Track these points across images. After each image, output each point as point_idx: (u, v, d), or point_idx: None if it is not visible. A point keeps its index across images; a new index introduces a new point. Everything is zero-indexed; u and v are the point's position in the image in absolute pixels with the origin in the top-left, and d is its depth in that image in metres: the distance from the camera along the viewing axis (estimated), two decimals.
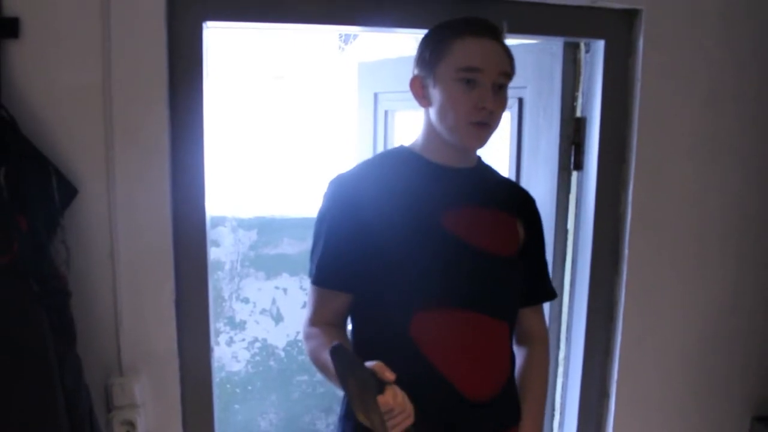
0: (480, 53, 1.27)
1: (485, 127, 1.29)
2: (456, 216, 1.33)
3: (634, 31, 1.74)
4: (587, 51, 1.82)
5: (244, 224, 3.15)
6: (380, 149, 2.46)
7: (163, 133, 1.53)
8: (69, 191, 1.47)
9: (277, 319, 3.25)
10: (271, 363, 3.27)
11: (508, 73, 1.31)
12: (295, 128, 5.82)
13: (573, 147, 1.87)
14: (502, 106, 1.30)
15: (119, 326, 1.56)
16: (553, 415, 2.02)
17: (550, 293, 1.56)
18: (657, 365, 1.89)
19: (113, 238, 1.53)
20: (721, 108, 1.81)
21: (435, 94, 1.30)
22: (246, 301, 3.20)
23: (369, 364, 1.13)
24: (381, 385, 1.11)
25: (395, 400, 1.10)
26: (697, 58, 1.77)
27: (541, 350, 1.49)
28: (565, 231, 1.95)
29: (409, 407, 1.13)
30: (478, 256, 1.33)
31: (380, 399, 1.09)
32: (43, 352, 1.34)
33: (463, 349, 1.31)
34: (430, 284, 1.30)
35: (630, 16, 1.74)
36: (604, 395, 1.90)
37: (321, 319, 1.36)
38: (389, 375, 1.11)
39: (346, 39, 6.02)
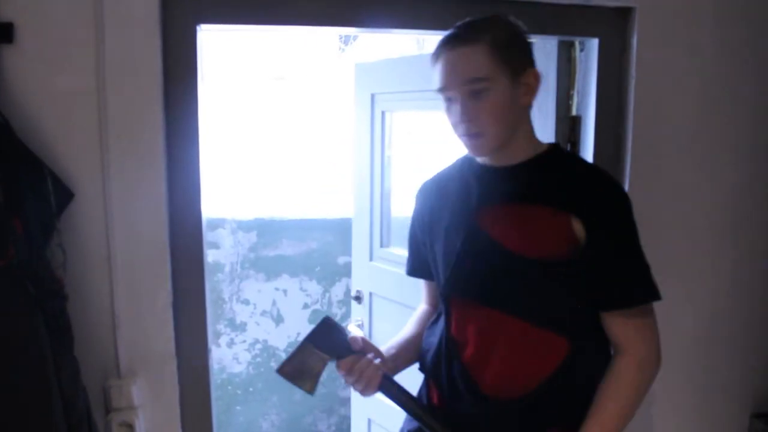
0: (441, 72, 1.29)
1: (476, 136, 1.29)
2: (489, 213, 1.35)
3: (628, 29, 1.75)
4: (582, 49, 1.83)
5: (243, 226, 3.16)
6: (377, 150, 2.47)
7: (158, 136, 1.54)
8: (65, 194, 1.48)
9: (278, 320, 3.25)
10: (272, 364, 3.27)
11: (476, 77, 1.26)
12: (295, 129, 5.83)
13: (569, 145, 1.87)
14: (481, 112, 1.27)
15: (116, 328, 1.57)
16: None
17: (619, 299, 1.30)
18: None
19: (110, 240, 1.54)
20: (716, 105, 1.81)
21: None
22: (246, 302, 3.21)
23: (351, 335, 1.35)
24: (350, 354, 1.33)
25: (350, 368, 1.31)
26: (690, 56, 1.77)
27: (620, 362, 1.31)
28: None
29: (367, 379, 1.32)
30: (503, 254, 1.32)
31: (340, 363, 1.33)
32: (40, 354, 1.35)
33: (485, 346, 1.34)
34: (458, 278, 1.37)
35: (624, 15, 1.75)
36: None
37: (424, 300, 1.60)
38: (357, 347, 1.34)
39: (346, 40, 6.03)
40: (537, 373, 1.31)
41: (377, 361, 1.35)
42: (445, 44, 1.29)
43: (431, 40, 1.56)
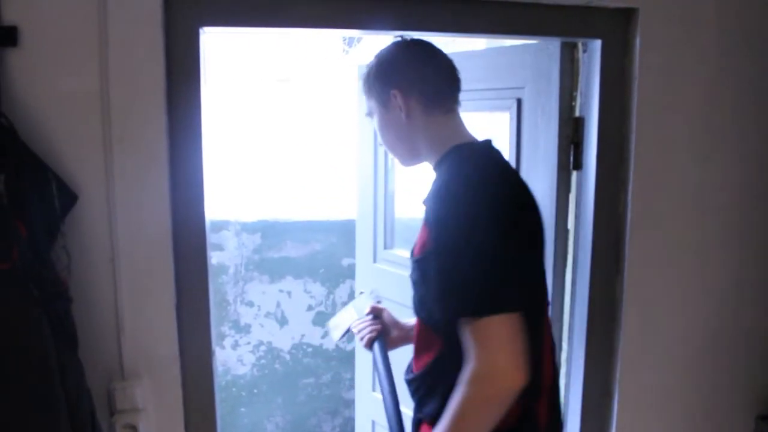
0: None
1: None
2: None
3: (631, 30, 1.74)
4: (584, 51, 1.82)
5: (247, 228, 3.16)
6: (380, 152, 2.47)
7: (162, 138, 1.54)
8: (69, 197, 1.48)
9: (282, 322, 3.26)
10: (277, 366, 3.28)
11: (366, 113, 1.59)
12: (298, 131, 5.84)
13: (572, 147, 1.87)
14: (380, 137, 1.57)
15: (121, 331, 1.57)
16: None
17: (446, 308, 1.31)
18: (660, 364, 1.89)
19: (114, 243, 1.54)
20: (719, 105, 1.80)
21: None
22: (251, 304, 3.22)
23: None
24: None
25: (357, 327, 1.82)
26: (694, 57, 1.76)
27: (462, 374, 1.28)
28: (566, 231, 1.94)
29: (361, 335, 1.80)
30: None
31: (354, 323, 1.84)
32: (45, 357, 1.35)
33: (413, 331, 1.57)
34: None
35: (627, 15, 1.74)
36: (607, 395, 1.89)
37: None
38: (366, 311, 1.84)
39: (349, 42, 6.04)
40: (423, 363, 1.47)
41: (377, 326, 1.78)
42: None
43: (433, 41, 1.56)
